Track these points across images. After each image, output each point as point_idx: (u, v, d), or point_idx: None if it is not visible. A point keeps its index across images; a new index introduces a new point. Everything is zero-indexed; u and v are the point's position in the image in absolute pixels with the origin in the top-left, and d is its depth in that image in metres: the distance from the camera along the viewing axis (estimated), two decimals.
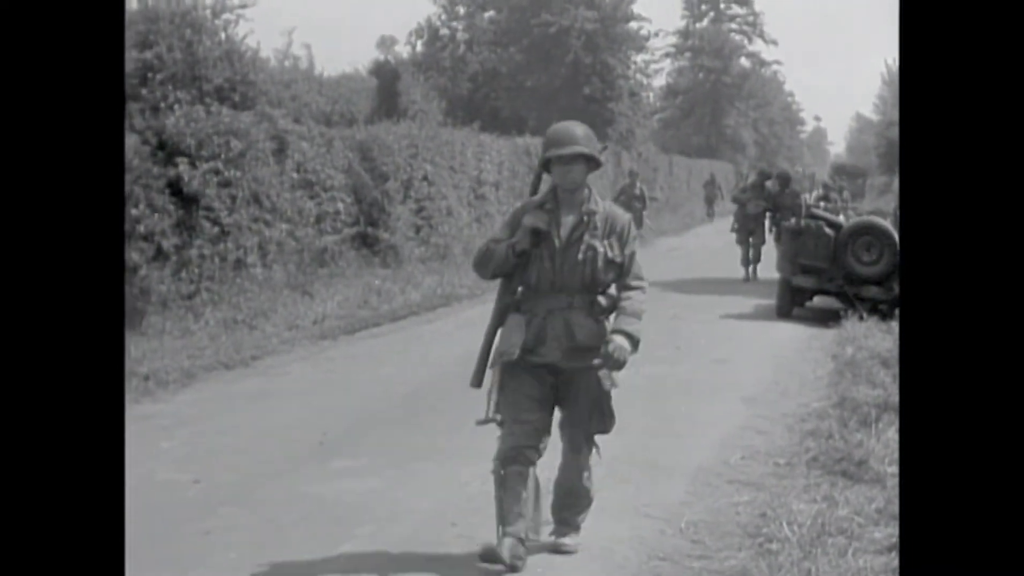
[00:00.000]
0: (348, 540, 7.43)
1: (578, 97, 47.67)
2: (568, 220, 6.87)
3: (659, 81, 77.61)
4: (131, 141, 15.97)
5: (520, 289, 6.94)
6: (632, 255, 6.97)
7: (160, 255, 16.15)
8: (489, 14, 52.41)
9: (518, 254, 6.80)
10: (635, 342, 6.84)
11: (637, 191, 31.67)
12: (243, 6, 21.91)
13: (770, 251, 23.60)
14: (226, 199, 17.47)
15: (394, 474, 8.87)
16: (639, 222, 31.67)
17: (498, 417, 6.86)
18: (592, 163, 6.90)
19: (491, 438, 6.97)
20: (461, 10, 53.29)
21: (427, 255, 24.25)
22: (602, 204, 6.99)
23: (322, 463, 9.30)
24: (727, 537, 7.57)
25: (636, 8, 50.90)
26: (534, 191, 7.18)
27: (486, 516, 6.92)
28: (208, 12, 21.27)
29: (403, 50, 50.95)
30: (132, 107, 17.66)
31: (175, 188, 16.59)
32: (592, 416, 7.01)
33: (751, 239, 25.19)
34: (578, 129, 6.91)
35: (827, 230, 18.71)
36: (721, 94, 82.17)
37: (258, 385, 12.79)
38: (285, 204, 19.16)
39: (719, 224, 42.64)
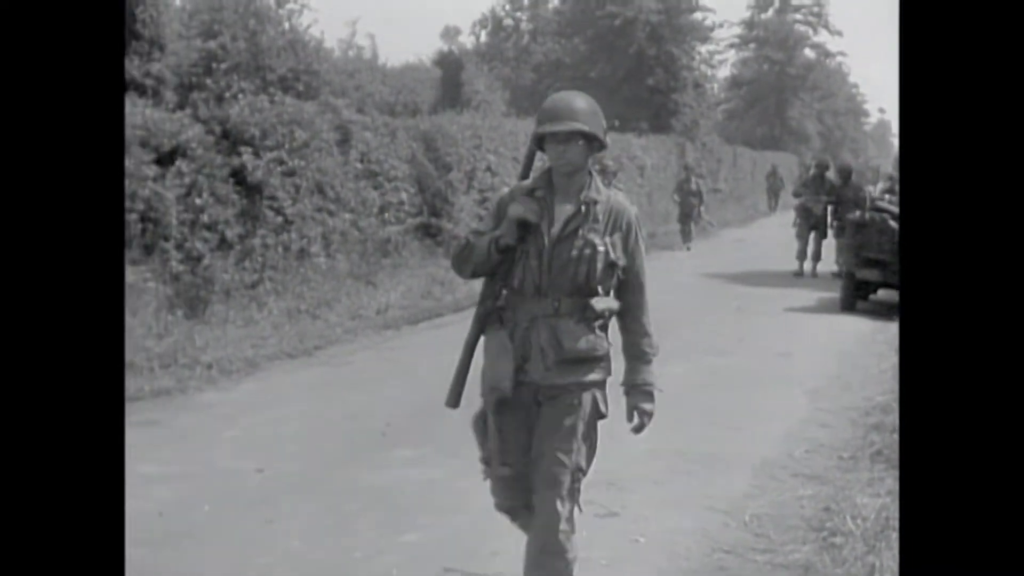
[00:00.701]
0: (411, 530, 7.44)
1: (642, 88, 47.49)
2: (563, 210, 5.64)
3: (723, 72, 77.49)
4: (195, 130, 16.05)
5: (504, 292, 5.73)
6: (642, 261, 5.77)
7: (223, 244, 16.21)
8: (553, 4, 52.42)
9: (501, 250, 5.61)
10: (653, 396, 5.82)
11: (693, 186, 31.14)
12: None
13: (830, 244, 23.47)
14: (290, 189, 17.52)
15: (457, 464, 8.85)
16: (696, 217, 31.35)
17: (505, 470, 5.75)
18: (595, 143, 5.65)
19: None
20: (525, 0, 53.30)
21: None
22: (606, 192, 5.74)
23: (385, 452, 9.31)
24: (791, 530, 7.54)
25: None
26: (525, 174, 5.94)
27: None
28: (272, 1, 21.35)
29: (467, 40, 51.27)
30: (196, 96, 17.76)
31: (239, 177, 16.65)
32: (573, 443, 5.64)
33: (812, 234, 24.89)
34: (579, 101, 5.63)
35: (892, 223, 18.55)
36: (785, 85, 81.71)
37: (321, 375, 12.81)
38: (348, 194, 19.17)
39: (782, 216, 42.43)
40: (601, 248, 5.57)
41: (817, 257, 24.84)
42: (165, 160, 15.36)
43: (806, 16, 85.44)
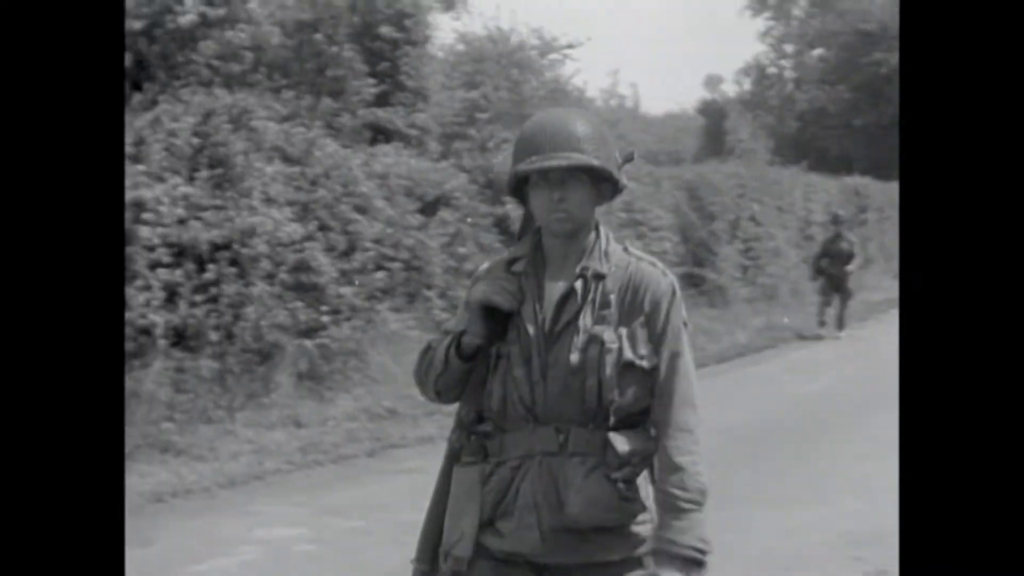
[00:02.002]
0: None
1: None
2: (557, 289, 3.70)
3: None
4: (459, 180, 16.20)
5: (484, 417, 3.77)
6: (675, 356, 3.70)
7: None
8: (818, 52, 51.89)
9: (467, 355, 3.72)
10: (701, 564, 3.70)
11: (844, 245, 22.09)
12: (570, 46, 22.08)
13: None
14: None
15: (722, 518, 8.60)
16: (840, 286, 22.13)
17: None
18: (605, 185, 3.74)
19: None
20: (789, 48, 52.94)
21: (754, 296, 23.95)
22: (621, 257, 3.75)
23: None
24: None
25: None
26: (521, 236, 3.96)
27: (815, 567, 6.60)
28: (535, 52, 21.49)
29: (730, 88, 50.94)
30: (460, 146, 17.94)
31: (503, 227, 16.72)
32: None
33: None
34: (579, 124, 3.69)
35: None
36: None
37: None
38: None
39: None
40: (612, 344, 3.61)
41: None
42: (429, 209, 15.50)
43: None
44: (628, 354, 3.60)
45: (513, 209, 16.67)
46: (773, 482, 9.63)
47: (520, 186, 3.77)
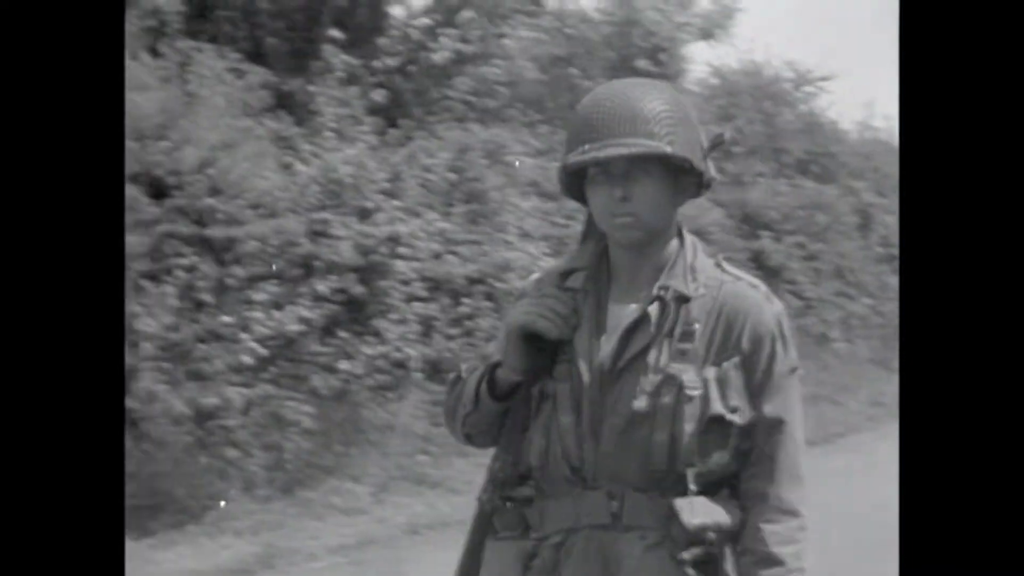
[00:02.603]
0: None
1: None
2: (621, 314, 2.84)
3: None
4: (715, 215, 16.16)
5: (523, 475, 2.96)
6: (780, 412, 2.87)
7: None
8: None
9: (501, 394, 2.91)
10: None
11: None
12: (824, 78, 21.92)
13: None
14: (809, 273, 17.43)
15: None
16: None
17: None
18: (687, 179, 2.92)
19: None
20: None
21: None
22: (712, 275, 2.94)
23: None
24: None
25: None
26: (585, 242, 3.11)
27: None
28: (789, 85, 21.40)
29: None
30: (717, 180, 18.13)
31: (758, 261, 16.63)
32: None
33: None
34: (646, 100, 2.77)
35: None
36: None
37: (843, 462, 12.44)
38: (869, 278, 19.02)
39: None
40: (695, 390, 2.74)
41: None
42: None
43: None
44: (716, 405, 2.74)
45: (768, 244, 16.52)
46: None
47: (577, 182, 2.89)
